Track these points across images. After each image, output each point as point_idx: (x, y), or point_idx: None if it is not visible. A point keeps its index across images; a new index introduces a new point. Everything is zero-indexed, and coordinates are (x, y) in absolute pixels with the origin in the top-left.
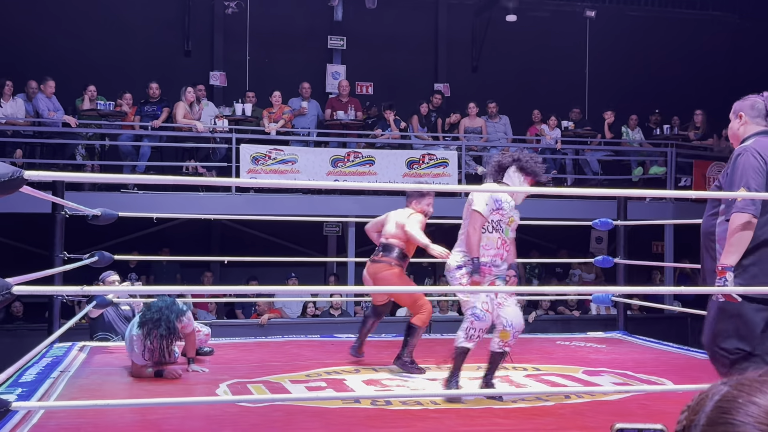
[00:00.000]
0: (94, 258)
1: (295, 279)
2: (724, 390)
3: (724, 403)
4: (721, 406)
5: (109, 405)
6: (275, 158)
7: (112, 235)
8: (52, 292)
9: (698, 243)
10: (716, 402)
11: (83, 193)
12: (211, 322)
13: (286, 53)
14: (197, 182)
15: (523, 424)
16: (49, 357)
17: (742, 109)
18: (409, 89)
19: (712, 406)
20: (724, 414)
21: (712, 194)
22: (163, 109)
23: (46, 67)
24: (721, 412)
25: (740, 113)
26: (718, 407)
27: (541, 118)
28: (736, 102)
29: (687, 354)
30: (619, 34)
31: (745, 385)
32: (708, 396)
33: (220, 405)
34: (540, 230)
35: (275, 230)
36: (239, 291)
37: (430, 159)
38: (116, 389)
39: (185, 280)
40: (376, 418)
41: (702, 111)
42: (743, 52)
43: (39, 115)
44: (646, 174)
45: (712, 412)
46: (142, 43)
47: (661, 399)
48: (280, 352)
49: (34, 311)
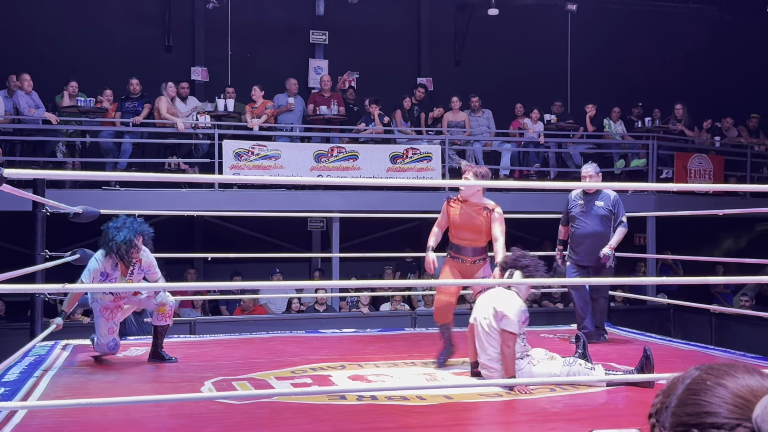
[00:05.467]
0: (76, 256)
1: (279, 275)
2: (695, 374)
3: (693, 386)
4: (691, 389)
5: (93, 403)
6: (258, 154)
7: (94, 232)
8: (34, 291)
9: (680, 234)
10: (687, 385)
11: (64, 191)
12: (195, 319)
13: (267, 48)
14: (180, 179)
15: (508, 417)
16: (32, 356)
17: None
18: (392, 83)
19: (682, 389)
20: (693, 395)
21: (693, 187)
22: (144, 105)
23: (26, 64)
24: (690, 393)
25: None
26: (688, 389)
27: (523, 112)
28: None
29: (670, 345)
30: (600, 28)
31: (715, 369)
32: (680, 380)
33: (204, 403)
34: (523, 223)
35: (259, 226)
36: (223, 287)
37: (413, 153)
38: (100, 388)
39: (168, 277)
40: (362, 413)
41: (683, 104)
42: (724, 45)
43: (19, 112)
44: (628, 166)
45: (683, 394)
46: (122, 38)
47: (644, 390)
48: (265, 349)
49: (15, 310)
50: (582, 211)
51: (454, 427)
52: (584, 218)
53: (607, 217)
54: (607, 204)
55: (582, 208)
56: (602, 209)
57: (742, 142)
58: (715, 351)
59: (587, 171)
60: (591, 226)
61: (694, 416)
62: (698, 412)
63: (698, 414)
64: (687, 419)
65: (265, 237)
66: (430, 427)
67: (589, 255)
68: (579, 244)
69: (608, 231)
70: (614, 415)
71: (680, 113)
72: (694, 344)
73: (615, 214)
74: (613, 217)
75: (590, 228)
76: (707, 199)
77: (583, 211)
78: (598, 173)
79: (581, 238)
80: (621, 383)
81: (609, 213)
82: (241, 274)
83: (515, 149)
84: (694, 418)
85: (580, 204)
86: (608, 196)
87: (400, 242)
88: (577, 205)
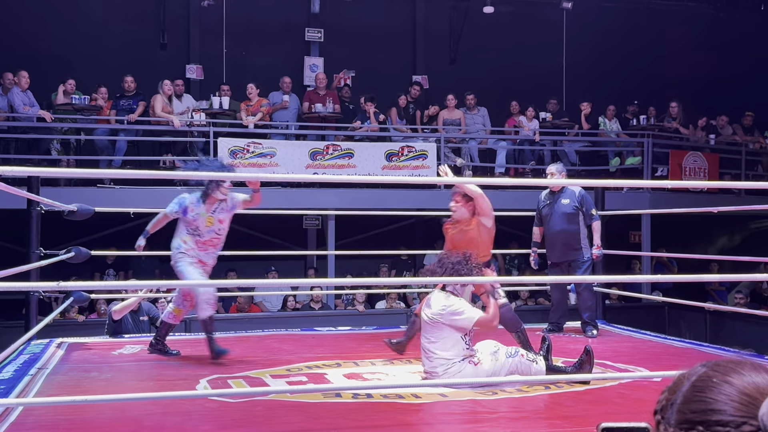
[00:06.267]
0: (71, 254)
1: (275, 273)
2: (701, 371)
3: (699, 383)
4: (697, 386)
5: (88, 401)
6: (253, 152)
7: (88, 230)
8: (28, 289)
9: (675, 232)
10: (692, 382)
11: (59, 189)
12: (191, 317)
13: (263, 46)
14: (174, 176)
15: (503, 415)
16: (27, 354)
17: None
18: (388, 81)
19: (688, 386)
20: (699, 392)
21: (688, 184)
22: (138, 102)
23: (21, 62)
24: (696, 391)
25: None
26: (694, 386)
27: (519, 110)
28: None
29: (664, 342)
30: (595, 26)
31: (721, 366)
32: (686, 377)
33: (200, 400)
34: (519, 221)
35: (254, 224)
36: (219, 284)
37: (409, 151)
38: (95, 385)
39: (164, 275)
40: (358, 411)
41: (678, 102)
42: (719, 43)
43: (14, 109)
44: (623, 164)
45: (688, 391)
46: (117, 36)
47: (639, 387)
48: (261, 347)
49: (10, 308)
50: (549, 210)
51: (450, 424)
52: (552, 217)
53: (574, 213)
54: (572, 201)
55: (549, 208)
56: (567, 206)
57: (737, 140)
58: (710, 348)
59: (550, 170)
60: (558, 224)
61: (699, 413)
62: (704, 410)
63: (704, 411)
64: (692, 416)
65: (260, 235)
66: (426, 424)
67: (561, 252)
68: (551, 243)
69: (576, 227)
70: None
71: (675, 111)
72: (688, 342)
73: (582, 210)
74: (580, 213)
75: (558, 226)
76: (702, 197)
77: (551, 210)
78: (561, 172)
79: (552, 236)
80: (560, 381)
81: (575, 210)
82: (236, 270)
83: (510, 147)
84: (700, 416)
85: (547, 204)
86: (573, 192)
87: (396, 240)
88: (546, 205)
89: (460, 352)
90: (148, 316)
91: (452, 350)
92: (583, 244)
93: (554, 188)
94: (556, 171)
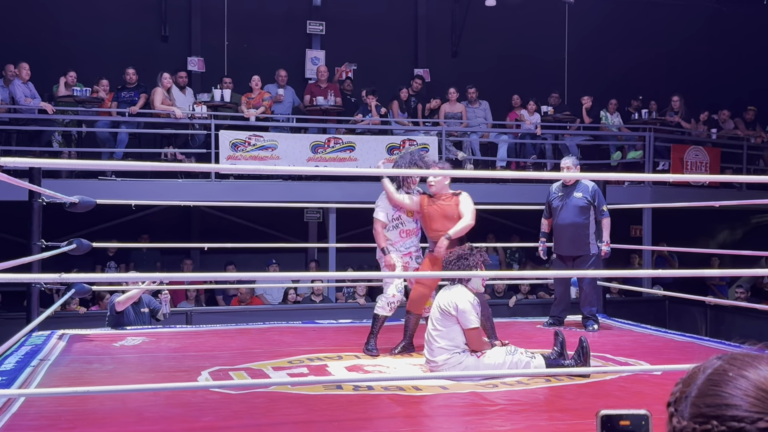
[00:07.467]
0: (72, 245)
1: (275, 265)
2: (717, 364)
3: (714, 376)
4: (712, 379)
5: (90, 392)
6: (255, 144)
7: (90, 222)
8: (30, 280)
9: (676, 226)
10: (708, 375)
11: (60, 181)
12: (192, 309)
13: (264, 38)
14: (176, 168)
15: (504, 407)
16: (29, 345)
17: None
18: (389, 74)
19: (703, 379)
20: (714, 386)
21: (689, 177)
22: (140, 95)
23: (21, 54)
24: (711, 384)
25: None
26: (709, 380)
27: (520, 103)
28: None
29: (665, 336)
30: (597, 20)
31: (738, 359)
32: (701, 370)
33: (201, 392)
34: (520, 215)
35: (255, 217)
36: (220, 278)
37: (410, 144)
38: (97, 377)
39: (165, 268)
40: (359, 403)
41: (679, 96)
42: (721, 37)
43: (15, 101)
44: (625, 158)
45: (703, 384)
46: (118, 28)
47: (639, 381)
48: (262, 339)
49: (12, 300)
50: (561, 202)
51: (451, 417)
52: (563, 210)
53: (586, 207)
54: (585, 194)
55: (561, 200)
56: (580, 200)
57: (739, 135)
58: (710, 342)
59: (566, 163)
60: (570, 217)
61: (714, 408)
62: (718, 404)
63: (718, 406)
64: (707, 410)
65: (261, 227)
66: (427, 417)
67: (569, 246)
68: (560, 235)
69: (587, 221)
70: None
71: (677, 105)
72: (689, 335)
73: (594, 205)
74: (592, 208)
75: (569, 219)
76: (703, 191)
77: (562, 202)
78: (576, 165)
79: (561, 229)
80: (560, 374)
81: (587, 203)
82: (235, 263)
83: (512, 141)
84: (714, 410)
85: (559, 196)
86: (586, 186)
87: None
88: (557, 197)
89: (463, 343)
90: (148, 308)
91: (456, 340)
92: (591, 239)
93: (567, 181)
94: (572, 164)
